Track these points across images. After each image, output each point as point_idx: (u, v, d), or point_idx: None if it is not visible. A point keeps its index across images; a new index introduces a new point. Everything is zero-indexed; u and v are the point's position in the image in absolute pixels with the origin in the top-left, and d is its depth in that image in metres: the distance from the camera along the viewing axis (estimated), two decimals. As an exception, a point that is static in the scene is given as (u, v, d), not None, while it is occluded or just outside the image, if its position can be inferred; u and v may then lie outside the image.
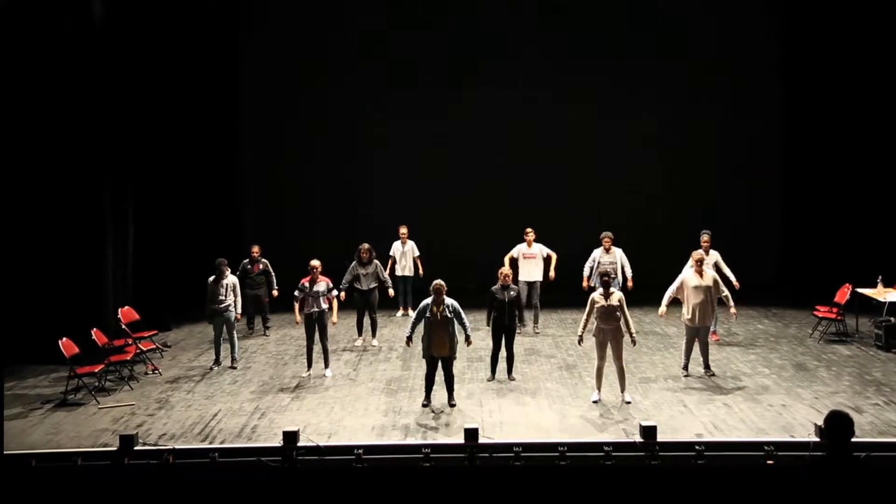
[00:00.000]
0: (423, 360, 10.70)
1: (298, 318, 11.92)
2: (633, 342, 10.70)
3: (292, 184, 17.41)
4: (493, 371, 11.65)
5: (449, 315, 10.42)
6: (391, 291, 13.64)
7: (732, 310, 11.63)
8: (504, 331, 11.55)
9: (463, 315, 10.61)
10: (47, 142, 12.70)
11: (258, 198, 17.50)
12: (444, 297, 10.46)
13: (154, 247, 14.82)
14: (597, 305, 10.58)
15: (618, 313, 10.51)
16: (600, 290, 10.68)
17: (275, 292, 14.24)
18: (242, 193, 17.38)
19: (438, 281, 10.57)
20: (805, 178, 16.73)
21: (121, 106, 13.75)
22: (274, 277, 14.20)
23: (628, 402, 10.46)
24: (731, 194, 17.12)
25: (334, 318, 12.03)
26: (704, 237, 13.04)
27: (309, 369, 11.94)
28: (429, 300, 10.52)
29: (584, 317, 10.73)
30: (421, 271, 14.97)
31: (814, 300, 14.15)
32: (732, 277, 13.05)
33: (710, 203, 16.72)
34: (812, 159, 16.58)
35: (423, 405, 10.49)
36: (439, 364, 10.54)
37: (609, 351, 10.59)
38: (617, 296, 10.62)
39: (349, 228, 16.16)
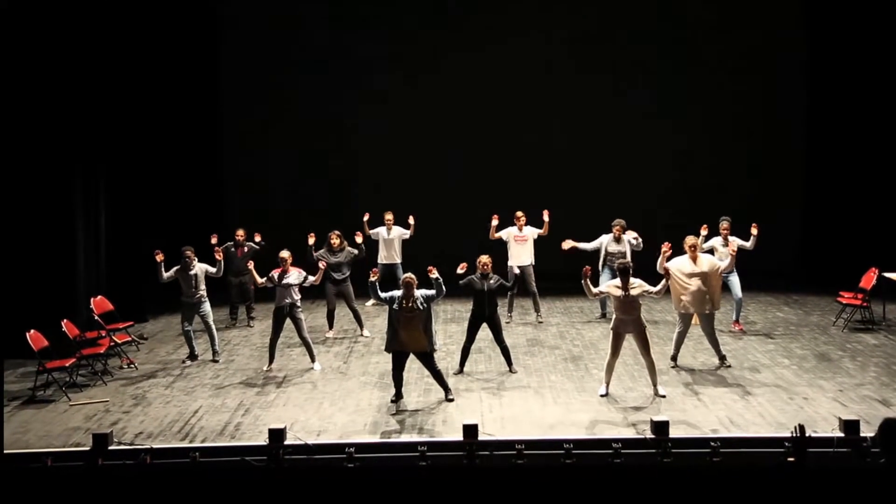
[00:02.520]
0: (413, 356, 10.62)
1: (318, 278, 12.18)
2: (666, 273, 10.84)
3: (276, 165, 17.43)
4: (462, 364, 11.63)
5: (421, 307, 10.31)
6: (362, 248, 13.47)
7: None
8: (487, 323, 11.50)
9: (433, 290, 10.45)
10: (12, 123, 12.60)
11: (241, 180, 17.49)
12: (415, 290, 10.38)
13: (130, 231, 14.76)
14: (614, 295, 10.56)
15: (640, 300, 10.49)
16: (618, 280, 10.58)
17: (257, 236, 14.10)
18: (224, 176, 17.39)
19: (409, 275, 10.48)
20: (827, 155, 16.73)
21: (91, 84, 13.67)
22: (263, 245, 14.04)
23: (663, 396, 10.47)
24: (749, 172, 17.23)
25: (317, 280, 12.17)
26: (724, 224, 13.03)
27: (270, 364, 11.95)
28: (397, 292, 10.45)
29: (596, 289, 10.76)
30: (411, 228, 14.93)
31: (837, 285, 14.17)
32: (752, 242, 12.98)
33: (727, 183, 16.90)
34: (835, 135, 16.59)
35: (392, 401, 10.46)
36: (408, 360, 10.47)
37: (633, 345, 10.59)
38: (637, 285, 10.51)
39: (335, 213, 16.16)
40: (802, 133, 17.26)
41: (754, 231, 12.84)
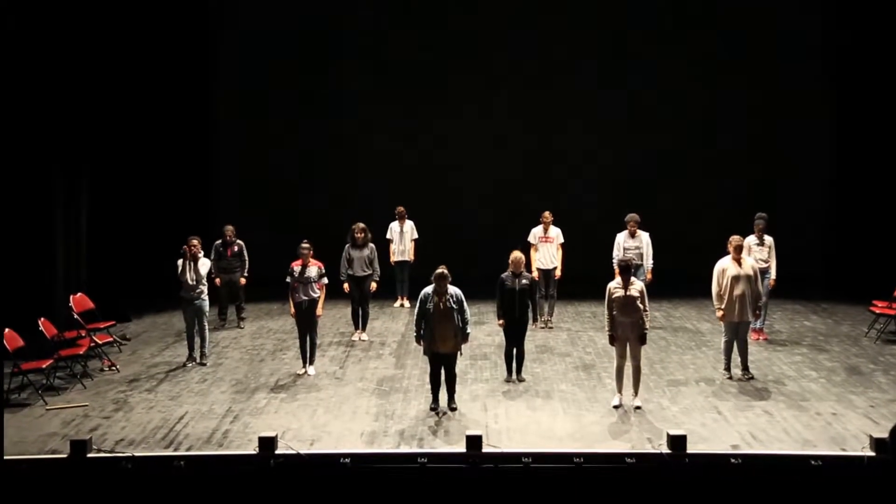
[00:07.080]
0: (426, 358, 10.73)
1: (294, 310, 11.98)
2: (643, 339, 10.66)
3: (272, 157, 17.50)
4: (510, 370, 11.69)
5: (452, 306, 10.45)
6: (374, 285, 13.52)
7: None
8: (515, 324, 11.57)
9: (466, 308, 10.61)
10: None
11: (230, 173, 17.56)
12: (448, 285, 10.49)
13: (112, 226, 14.81)
14: (614, 296, 10.62)
15: (638, 303, 10.54)
16: (618, 278, 10.71)
17: (242, 280, 14.24)
18: (212, 169, 17.45)
19: (441, 268, 10.57)
20: (858, 157, 16.78)
21: (74, 77, 13.74)
22: (247, 262, 14.23)
23: (638, 408, 10.50)
24: (777, 176, 17.33)
25: (319, 309, 12.05)
26: (759, 223, 13.10)
27: (305, 366, 11.98)
28: (429, 289, 10.55)
29: (606, 311, 10.75)
30: (412, 257, 15.16)
31: (870, 294, 14.16)
32: (773, 273, 13.14)
33: (755, 186, 17.03)
34: (865, 136, 16.65)
35: (431, 408, 10.53)
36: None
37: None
38: (637, 286, 10.66)
39: (335, 210, 16.25)
40: (831, 134, 17.30)
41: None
